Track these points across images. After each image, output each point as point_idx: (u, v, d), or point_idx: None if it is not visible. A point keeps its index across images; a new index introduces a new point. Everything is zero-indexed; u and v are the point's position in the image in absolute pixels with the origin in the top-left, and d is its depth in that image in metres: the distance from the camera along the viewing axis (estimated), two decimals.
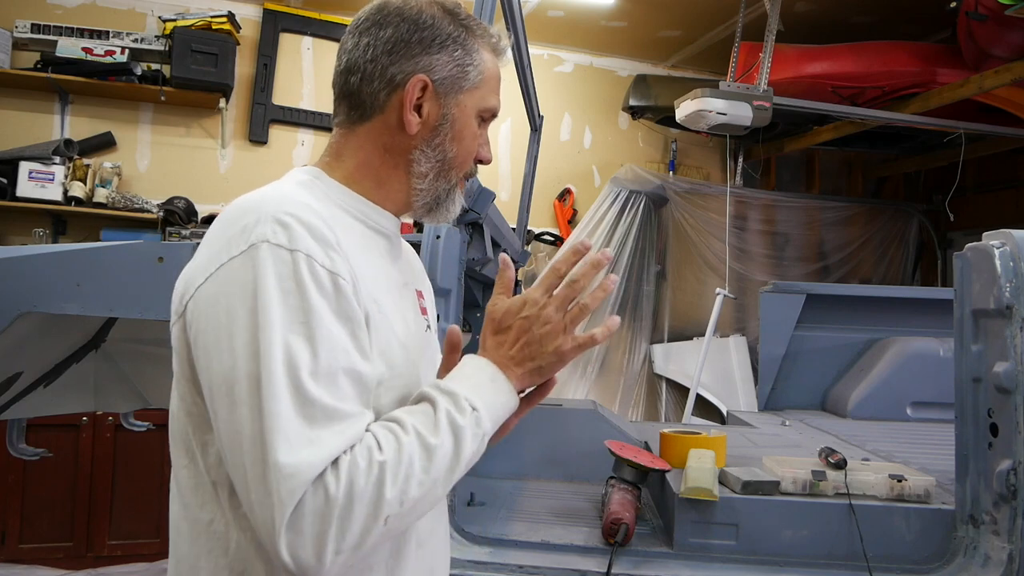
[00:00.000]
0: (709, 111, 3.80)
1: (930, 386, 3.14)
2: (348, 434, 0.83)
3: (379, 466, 0.81)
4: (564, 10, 4.64)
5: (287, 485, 0.78)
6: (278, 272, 0.84)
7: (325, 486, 0.79)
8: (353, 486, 0.80)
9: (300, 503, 0.78)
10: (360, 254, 0.94)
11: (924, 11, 4.31)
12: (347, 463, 0.81)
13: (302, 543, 0.78)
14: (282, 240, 0.85)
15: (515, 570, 1.75)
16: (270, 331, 0.82)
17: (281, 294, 0.83)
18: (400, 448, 0.83)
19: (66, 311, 1.70)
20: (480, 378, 0.93)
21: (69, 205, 4.08)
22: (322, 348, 0.83)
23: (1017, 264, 1.67)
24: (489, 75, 1.05)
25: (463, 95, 1.03)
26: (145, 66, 4.27)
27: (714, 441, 2.07)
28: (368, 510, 0.80)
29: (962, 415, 1.76)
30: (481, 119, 1.06)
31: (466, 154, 1.05)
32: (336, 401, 0.83)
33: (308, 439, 0.80)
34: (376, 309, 0.93)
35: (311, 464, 0.79)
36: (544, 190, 5.11)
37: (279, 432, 0.80)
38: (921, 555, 1.75)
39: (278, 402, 0.80)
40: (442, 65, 1.01)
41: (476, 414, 0.89)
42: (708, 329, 4.49)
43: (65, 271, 1.70)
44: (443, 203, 1.06)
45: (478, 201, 1.99)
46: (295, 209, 0.88)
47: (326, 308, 0.85)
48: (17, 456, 2.58)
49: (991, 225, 1.86)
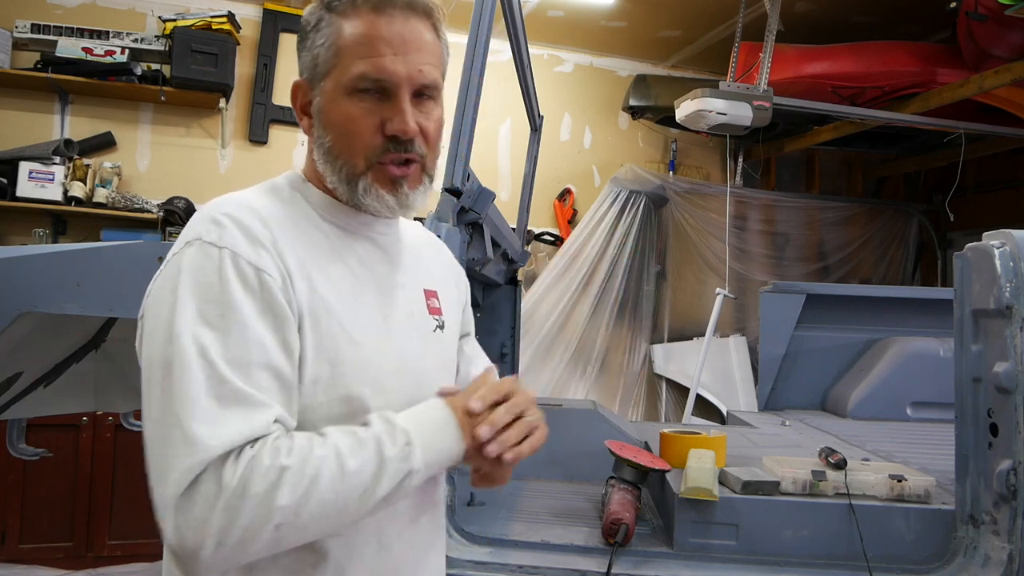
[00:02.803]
0: (709, 111, 3.80)
1: (930, 386, 3.14)
2: (255, 422, 0.82)
3: (279, 470, 0.80)
4: (564, 10, 4.64)
5: (184, 463, 0.78)
6: (202, 266, 0.87)
7: (221, 473, 0.79)
8: (248, 482, 0.79)
9: (193, 485, 0.78)
10: (315, 253, 0.95)
11: (924, 11, 4.31)
12: (248, 457, 0.80)
13: (187, 525, 0.78)
14: (213, 237, 0.88)
15: (515, 570, 1.75)
16: (183, 319, 0.84)
17: (200, 287, 0.86)
18: (309, 459, 0.82)
19: (66, 311, 1.69)
20: (429, 418, 0.92)
21: (69, 205, 4.08)
22: (235, 341, 0.84)
23: (1017, 264, 1.67)
24: (345, 43, 0.96)
25: (326, 80, 0.98)
26: (145, 66, 4.27)
27: (714, 441, 2.07)
28: (258, 511, 0.79)
29: (962, 415, 1.76)
30: (360, 91, 0.96)
31: (344, 137, 0.96)
32: (247, 387, 0.83)
33: (212, 417, 0.80)
34: (322, 307, 0.92)
35: (209, 446, 0.79)
36: (544, 190, 5.11)
37: (184, 410, 0.80)
38: (921, 555, 1.75)
39: (186, 383, 0.81)
40: (304, 61, 1.01)
41: (408, 449, 0.88)
42: (708, 329, 4.49)
43: (65, 271, 1.69)
44: (352, 195, 0.98)
45: (478, 201, 1.99)
46: (233, 209, 0.91)
47: (248, 303, 0.86)
48: (17, 456, 2.58)
49: (991, 225, 1.86)
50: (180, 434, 0.80)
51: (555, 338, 4.90)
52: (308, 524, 0.82)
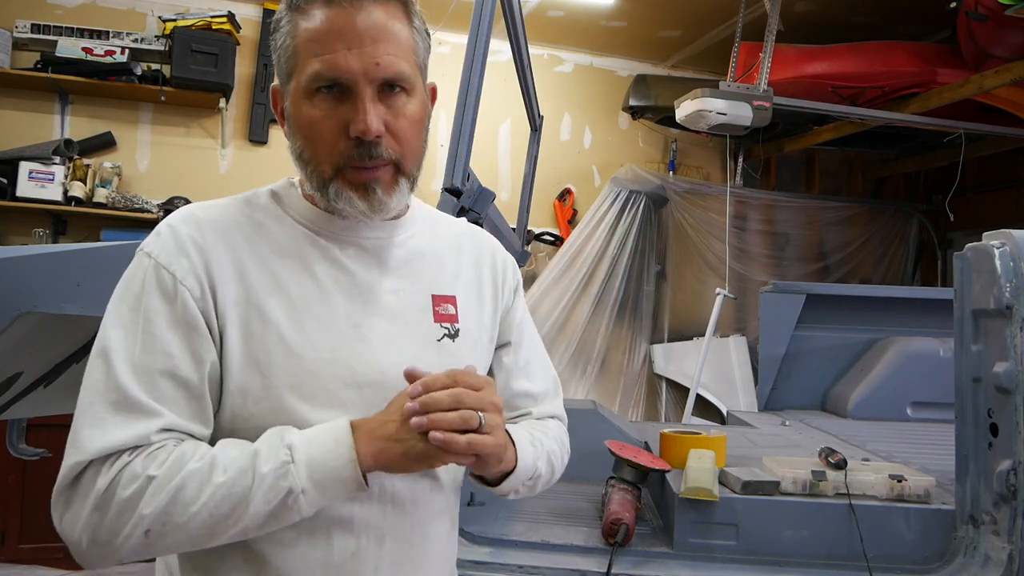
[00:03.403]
0: (709, 111, 3.79)
1: (930, 386, 3.14)
2: (137, 430, 0.84)
3: (146, 480, 0.82)
4: (564, 10, 4.64)
5: (72, 459, 0.84)
6: (133, 274, 0.91)
7: (96, 476, 0.83)
8: (114, 488, 0.82)
9: (76, 480, 0.84)
10: (263, 261, 0.94)
11: (924, 11, 4.31)
12: (120, 464, 0.83)
13: (68, 517, 0.84)
14: (149, 247, 0.92)
15: (515, 570, 1.75)
16: (106, 322, 0.90)
17: (126, 294, 0.90)
18: (177, 471, 0.83)
19: (66, 311, 1.69)
20: (330, 434, 0.87)
21: (69, 205, 4.07)
22: (142, 348, 0.87)
23: (1017, 264, 1.67)
24: (300, 41, 0.91)
25: (291, 83, 0.93)
26: (145, 66, 4.27)
27: (714, 441, 2.06)
28: (123, 517, 0.82)
29: (962, 415, 1.76)
30: (317, 91, 0.90)
31: (310, 142, 0.92)
32: (141, 395, 0.86)
33: (99, 420, 0.84)
34: (256, 317, 0.91)
35: (87, 449, 0.83)
36: (544, 190, 5.11)
37: (83, 410, 0.86)
38: (921, 555, 1.75)
39: (90, 383, 0.87)
40: (277, 64, 0.96)
41: (289, 466, 0.84)
42: (708, 329, 4.49)
43: (65, 271, 1.69)
44: (328, 201, 0.94)
45: (478, 201, 1.99)
46: (176, 218, 0.94)
47: (161, 312, 0.89)
48: (17, 456, 2.57)
49: (991, 225, 1.86)
50: (73, 432, 0.85)
51: (555, 338, 4.89)
52: (178, 532, 0.83)
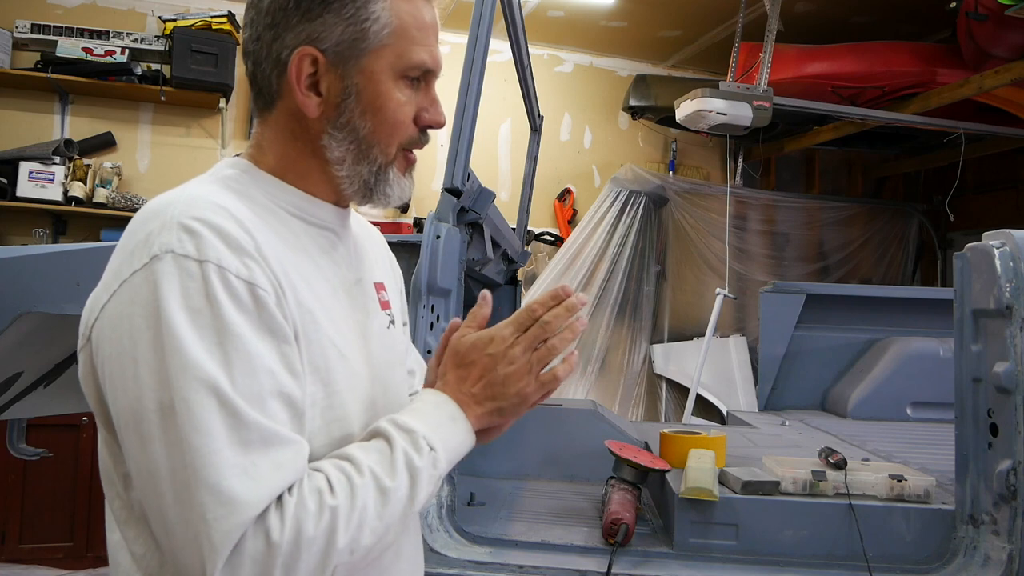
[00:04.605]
0: (709, 111, 3.80)
1: (930, 386, 3.14)
2: (289, 467, 0.73)
3: (331, 512, 0.72)
4: (564, 10, 4.64)
5: (221, 527, 0.68)
6: (185, 288, 0.72)
7: (267, 529, 0.69)
8: (301, 533, 0.70)
9: (238, 548, 0.68)
10: (292, 257, 0.84)
11: (924, 11, 4.31)
12: (293, 505, 0.71)
13: None
14: (189, 250, 0.73)
15: (515, 570, 1.75)
16: (178, 354, 0.70)
17: (189, 313, 0.72)
18: (354, 492, 0.75)
19: (66, 311, 1.69)
20: (439, 416, 0.85)
21: (69, 205, 4.07)
22: (241, 372, 0.72)
23: (1017, 264, 1.67)
24: (402, 25, 0.87)
25: (367, 58, 0.86)
26: (145, 66, 4.27)
27: (714, 441, 2.07)
28: (316, 559, 0.71)
29: (962, 415, 1.76)
30: (409, 79, 0.89)
31: (389, 126, 0.88)
32: (272, 424, 0.73)
33: (243, 468, 0.69)
34: (310, 320, 0.82)
35: (248, 502, 0.69)
36: (544, 190, 5.11)
37: (206, 464, 0.69)
38: (921, 555, 1.75)
39: (202, 431, 0.69)
40: (330, 29, 0.85)
41: (434, 455, 0.82)
42: (708, 329, 4.49)
43: (65, 271, 1.69)
44: (376, 187, 0.91)
45: (478, 201, 1.99)
46: (205, 212, 0.76)
47: (245, 325, 0.73)
48: (17, 456, 2.57)
49: (991, 225, 1.86)
50: (208, 493, 0.68)
51: None
52: (361, 558, 0.76)
